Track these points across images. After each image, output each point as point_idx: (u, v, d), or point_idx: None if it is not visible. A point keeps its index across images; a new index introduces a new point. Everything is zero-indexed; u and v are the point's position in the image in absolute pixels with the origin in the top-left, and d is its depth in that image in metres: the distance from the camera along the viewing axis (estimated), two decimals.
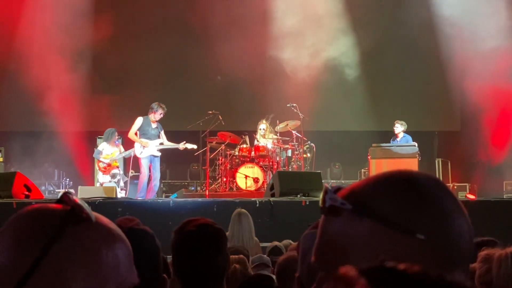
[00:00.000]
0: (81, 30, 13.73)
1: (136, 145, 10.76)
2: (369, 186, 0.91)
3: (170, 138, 11.11)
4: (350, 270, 0.63)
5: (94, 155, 11.60)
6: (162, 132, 10.91)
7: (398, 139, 12.22)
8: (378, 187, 0.91)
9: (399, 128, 12.18)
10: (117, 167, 11.38)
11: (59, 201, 0.99)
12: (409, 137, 12.20)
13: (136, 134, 10.76)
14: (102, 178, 11.26)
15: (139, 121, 10.77)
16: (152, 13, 14.51)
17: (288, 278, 3.16)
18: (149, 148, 10.68)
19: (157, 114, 10.68)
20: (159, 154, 10.83)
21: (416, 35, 14.09)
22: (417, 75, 14.50)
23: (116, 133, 11.40)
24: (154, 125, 10.79)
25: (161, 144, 10.80)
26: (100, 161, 11.28)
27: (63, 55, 13.48)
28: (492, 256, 1.80)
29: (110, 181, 11.18)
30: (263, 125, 11.99)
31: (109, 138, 11.34)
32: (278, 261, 3.46)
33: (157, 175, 10.86)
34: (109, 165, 11.24)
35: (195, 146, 11.13)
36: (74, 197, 0.98)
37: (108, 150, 11.28)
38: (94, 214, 0.97)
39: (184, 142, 10.84)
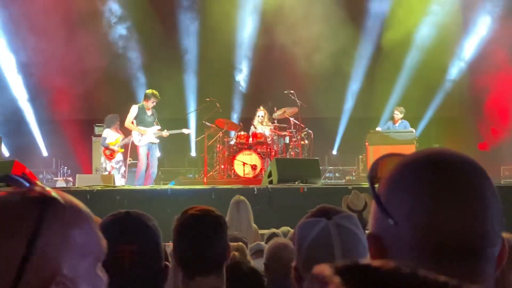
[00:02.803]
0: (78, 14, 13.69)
1: (134, 133, 10.74)
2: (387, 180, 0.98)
3: (168, 125, 11.10)
4: (325, 269, 0.63)
5: (101, 144, 11.34)
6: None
7: (396, 124, 12.29)
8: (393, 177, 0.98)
9: (399, 115, 12.29)
10: (122, 153, 11.28)
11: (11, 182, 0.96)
12: (406, 123, 12.29)
13: (132, 122, 10.74)
14: (109, 166, 11.15)
15: (134, 109, 10.73)
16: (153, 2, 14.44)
17: (276, 265, 3.18)
18: (147, 135, 10.66)
19: (149, 102, 10.64)
20: (157, 141, 10.82)
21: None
22: (415, 61, 14.46)
23: (118, 119, 11.22)
24: (149, 112, 10.76)
25: (159, 130, 10.79)
26: (107, 148, 11.14)
27: (64, 46, 13.44)
28: None
29: (114, 168, 11.10)
30: (261, 112, 11.95)
31: (111, 124, 11.22)
32: (266, 249, 3.46)
33: (155, 162, 10.85)
34: (114, 151, 11.15)
35: (190, 131, 11.15)
36: (35, 181, 0.96)
37: (111, 137, 11.14)
38: (58, 194, 0.97)
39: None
